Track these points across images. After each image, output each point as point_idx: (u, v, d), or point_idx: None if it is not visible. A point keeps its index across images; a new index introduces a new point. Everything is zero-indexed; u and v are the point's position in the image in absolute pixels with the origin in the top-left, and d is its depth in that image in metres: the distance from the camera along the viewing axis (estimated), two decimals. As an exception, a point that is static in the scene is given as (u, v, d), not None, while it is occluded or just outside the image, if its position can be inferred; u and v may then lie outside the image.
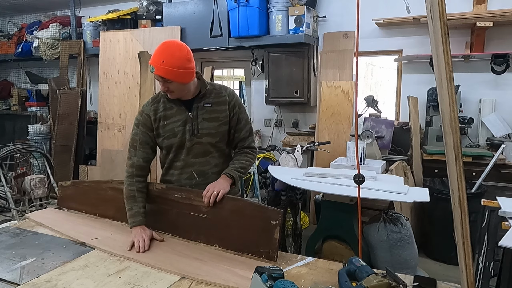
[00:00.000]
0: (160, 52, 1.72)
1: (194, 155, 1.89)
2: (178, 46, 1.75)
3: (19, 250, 1.69)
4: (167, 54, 1.71)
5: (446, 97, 1.06)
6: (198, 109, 1.87)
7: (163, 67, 1.70)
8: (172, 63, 1.70)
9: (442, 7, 1.02)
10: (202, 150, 1.89)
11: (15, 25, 6.35)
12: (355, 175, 1.78)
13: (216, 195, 1.73)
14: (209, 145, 1.89)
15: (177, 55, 1.71)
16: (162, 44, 1.75)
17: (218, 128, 1.89)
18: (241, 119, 1.96)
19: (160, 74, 1.71)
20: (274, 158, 4.58)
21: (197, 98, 1.88)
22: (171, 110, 1.87)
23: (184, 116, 1.86)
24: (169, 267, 1.52)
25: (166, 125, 1.87)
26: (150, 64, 1.75)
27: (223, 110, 1.90)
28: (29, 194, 3.85)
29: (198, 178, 1.91)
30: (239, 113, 1.95)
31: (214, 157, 1.92)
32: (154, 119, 1.88)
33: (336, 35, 4.53)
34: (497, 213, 2.08)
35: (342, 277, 1.32)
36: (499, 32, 3.86)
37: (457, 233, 1.12)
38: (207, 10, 4.52)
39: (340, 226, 2.60)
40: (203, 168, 1.91)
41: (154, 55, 1.73)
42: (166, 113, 1.88)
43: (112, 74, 5.04)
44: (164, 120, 1.88)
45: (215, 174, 1.90)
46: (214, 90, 1.93)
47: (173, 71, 1.70)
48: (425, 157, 3.86)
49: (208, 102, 1.89)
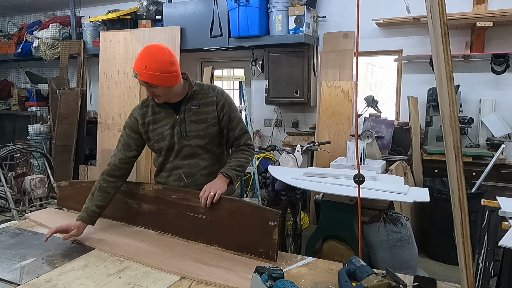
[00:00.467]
0: (142, 57, 1.70)
1: (183, 157, 1.89)
2: (160, 50, 1.71)
3: (19, 250, 1.69)
4: (149, 59, 1.68)
5: (446, 97, 1.06)
6: (186, 112, 1.85)
7: (146, 72, 1.68)
8: (155, 67, 1.67)
9: (442, 7, 1.02)
10: (191, 152, 1.88)
11: (15, 25, 6.34)
12: (355, 175, 1.78)
13: (212, 196, 1.71)
14: (198, 147, 1.88)
15: (160, 59, 1.69)
16: (143, 49, 1.72)
17: (206, 130, 1.87)
18: (233, 118, 1.93)
19: (144, 79, 1.70)
20: (274, 158, 4.58)
21: (184, 100, 1.86)
22: (160, 114, 1.87)
23: (172, 119, 1.86)
24: (169, 267, 1.52)
25: (155, 129, 1.88)
26: (133, 70, 1.73)
27: (211, 111, 1.88)
28: (29, 194, 3.85)
29: (187, 180, 1.90)
30: (229, 112, 1.91)
31: (203, 159, 1.90)
32: (142, 124, 1.88)
33: (336, 35, 4.53)
34: (497, 213, 2.08)
35: (342, 277, 1.32)
36: (499, 32, 3.86)
37: (457, 233, 1.12)
38: (207, 10, 4.52)
39: (340, 226, 2.60)
40: (191, 170, 1.90)
41: (136, 60, 1.71)
42: (155, 117, 1.88)
43: (112, 74, 5.04)
44: (153, 124, 1.88)
45: (204, 176, 1.90)
46: (201, 91, 1.90)
47: (157, 75, 1.68)
48: (425, 157, 3.86)
49: (195, 104, 1.87)
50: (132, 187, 2.01)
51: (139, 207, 1.98)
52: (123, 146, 1.91)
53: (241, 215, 1.69)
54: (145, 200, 1.96)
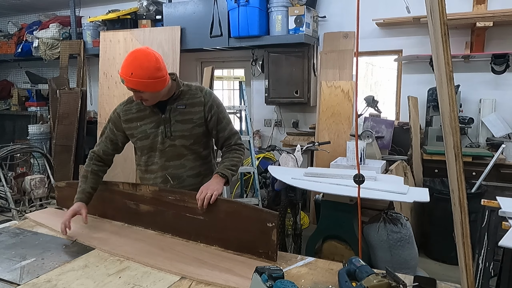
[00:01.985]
0: (128, 64, 1.71)
1: (168, 158, 1.89)
2: (146, 56, 1.71)
3: (19, 250, 1.69)
4: (135, 66, 1.69)
5: (446, 97, 1.06)
6: (171, 111, 1.85)
7: (132, 80, 1.69)
8: (141, 74, 1.68)
9: (442, 7, 1.02)
10: (176, 153, 1.88)
11: (15, 25, 6.34)
12: (355, 175, 1.78)
13: (209, 197, 1.70)
14: (183, 147, 1.87)
15: (145, 65, 1.69)
16: (129, 55, 1.73)
17: (192, 130, 1.86)
18: (221, 119, 1.92)
19: (131, 86, 1.72)
20: (274, 158, 4.58)
21: (171, 100, 1.86)
22: (145, 111, 1.88)
23: (157, 118, 1.86)
24: (169, 267, 1.52)
25: (139, 126, 1.88)
26: (120, 76, 1.74)
27: (197, 112, 1.87)
28: (29, 194, 3.85)
29: (173, 182, 1.90)
30: (218, 113, 1.91)
31: (189, 160, 1.90)
32: (124, 120, 1.90)
33: (336, 35, 4.53)
34: (497, 213, 2.08)
35: (342, 277, 1.32)
36: (499, 32, 3.86)
37: (457, 233, 1.12)
38: (207, 10, 4.52)
39: (340, 226, 2.60)
40: (177, 171, 1.90)
41: (122, 66, 1.72)
42: (139, 114, 1.88)
43: (112, 74, 5.04)
44: (137, 121, 1.88)
45: (191, 177, 1.90)
46: (189, 91, 1.90)
47: (143, 82, 1.69)
48: (425, 157, 3.86)
49: (182, 104, 1.87)
50: (128, 188, 1.99)
51: (137, 208, 1.97)
52: (105, 139, 1.98)
53: (239, 217, 1.68)
54: (143, 201, 1.96)
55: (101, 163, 1.99)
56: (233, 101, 5.47)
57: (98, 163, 1.98)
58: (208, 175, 1.93)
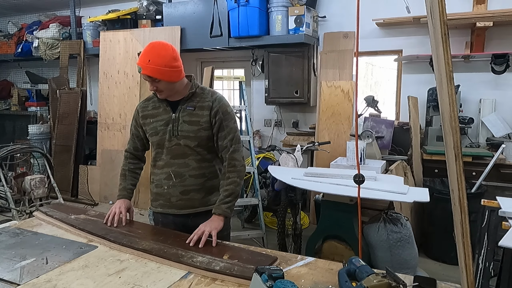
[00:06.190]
0: (146, 52, 1.79)
1: (174, 156, 1.93)
2: (163, 45, 1.82)
3: (19, 250, 1.69)
4: (153, 54, 1.77)
5: (446, 97, 1.06)
6: (181, 111, 1.90)
7: (149, 66, 1.76)
8: (158, 62, 1.76)
9: (442, 7, 1.02)
10: (181, 152, 1.91)
11: (15, 25, 6.35)
12: (355, 175, 1.78)
13: (207, 235, 1.69)
14: (187, 147, 1.90)
15: (163, 54, 1.78)
16: (148, 45, 1.82)
17: (197, 132, 1.89)
18: (224, 127, 1.91)
19: (147, 73, 1.78)
20: (274, 158, 4.58)
21: (183, 100, 1.91)
22: (158, 109, 1.95)
23: (168, 116, 1.91)
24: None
25: (151, 123, 1.95)
26: (137, 65, 1.82)
27: (204, 115, 1.89)
28: (29, 194, 3.85)
29: (175, 179, 1.93)
30: (222, 120, 1.90)
31: (193, 160, 1.92)
32: (141, 116, 1.99)
33: (336, 35, 4.53)
34: (497, 213, 2.08)
35: (342, 277, 1.32)
36: (499, 32, 3.86)
37: (457, 233, 1.12)
38: (207, 10, 4.52)
39: (340, 226, 2.60)
40: (180, 169, 1.92)
41: (141, 56, 1.81)
42: (153, 111, 1.96)
43: (112, 74, 5.04)
44: (151, 118, 1.96)
45: (193, 177, 1.91)
46: (201, 94, 1.94)
47: (160, 69, 1.77)
48: (425, 157, 3.86)
49: (192, 105, 1.91)
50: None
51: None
52: (132, 136, 2.08)
53: (239, 259, 1.57)
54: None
55: (135, 161, 2.10)
56: (233, 101, 5.47)
57: (132, 161, 2.09)
58: (212, 178, 1.96)
